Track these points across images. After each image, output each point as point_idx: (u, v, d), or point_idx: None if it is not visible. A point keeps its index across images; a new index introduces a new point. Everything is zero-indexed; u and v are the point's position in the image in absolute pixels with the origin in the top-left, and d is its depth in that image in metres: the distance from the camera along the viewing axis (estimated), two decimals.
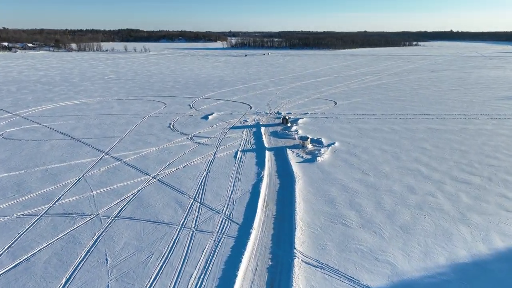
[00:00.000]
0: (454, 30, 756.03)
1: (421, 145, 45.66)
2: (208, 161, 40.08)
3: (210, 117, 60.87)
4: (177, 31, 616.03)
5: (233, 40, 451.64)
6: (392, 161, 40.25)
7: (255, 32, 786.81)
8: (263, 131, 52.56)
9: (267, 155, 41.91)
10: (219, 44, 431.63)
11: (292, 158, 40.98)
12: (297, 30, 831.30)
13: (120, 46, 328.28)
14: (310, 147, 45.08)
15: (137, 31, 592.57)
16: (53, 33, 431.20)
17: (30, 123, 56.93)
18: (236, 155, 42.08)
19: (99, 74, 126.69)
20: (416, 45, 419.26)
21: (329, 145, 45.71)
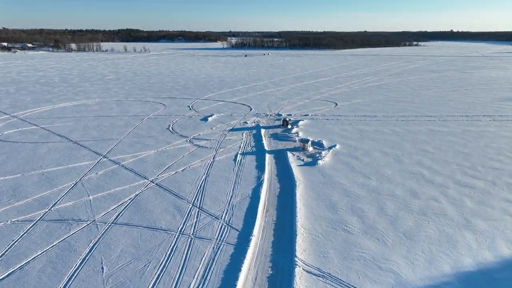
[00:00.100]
0: (454, 30, 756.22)
1: (423, 148, 45.05)
2: (208, 164, 39.48)
3: (209, 119, 60.26)
4: (177, 31, 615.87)
5: (233, 40, 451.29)
6: (394, 164, 39.65)
7: (255, 32, 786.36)
8: (263, 133, 51.94)
9: (267, 158, 41.30)
10: (219, 44, 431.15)
11: (293, 161, 40.37)
12: (297, 30, 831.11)
13: (120, 46, 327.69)
14: (310, 149, 44.48)
15: (137, 31, 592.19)
16: (53, 33, 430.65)
17: (28, 125, 56.33)
18: (236, 158, 41.47)
19: (98, 75, 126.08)
20: (416, 45, 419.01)
21: (330, 147, 45.10)
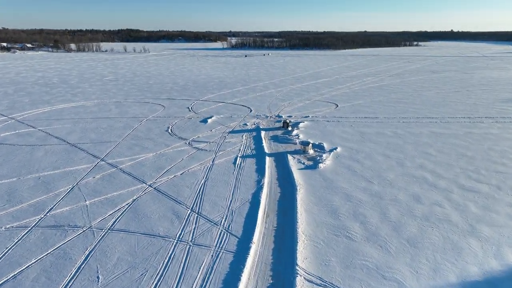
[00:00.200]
0: (454, 30, 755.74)
1: (425, 150, 44.43)
2: (207, 167, 38.86)
3: (209, 121, 59.64)
4: (177, 31, 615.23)
5: (233, 40, 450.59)
6: (396, 167, 39.03)
7: (255, 32, 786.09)
8: (263, 135, 51.32)
9: (267, 161, 40.68)
10: (219, 44, 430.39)
11: (293, 164, 39.74)
12: (297, 30, 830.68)
13: (120, 47, 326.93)
14: (311, 152, 43.85)
15: (137, 31, 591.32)
16: (52, 33, 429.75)
17: (26, 127, 55.71)
18: (235, 161, 40.84)
19: (97, 76, 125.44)
20: (416, 45, 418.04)
21: (331, 150, 44.48)
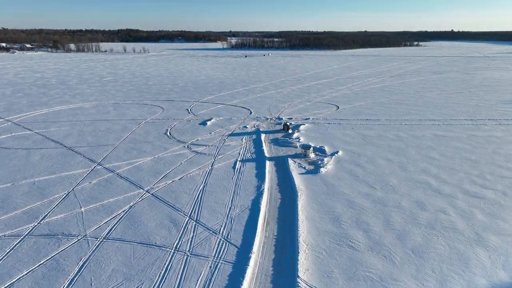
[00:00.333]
0: (454, 30, 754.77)
1: (428, 154, 43.62)
2: (206, 172, 38.04)
3: (208, 123, 58.82)
4: (177, 31, 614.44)
5: (233, 40, 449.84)
6: (399, 172, 38.21)
7: (255, 32, 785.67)
8: (263, 138, 50.50)
9: (267, 165, 39.87)
10: (219, 44, 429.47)
11: (294, 169, 38.92)
12: (297, 30, 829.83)
13: (119, 47, 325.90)
14: (312, 156, 43.04)
15: (137, 31, 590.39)
16: (52, 33, 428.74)
17: (22, 129, 54.90)
18: (235, 165, 40.03)
19: (96, 76, 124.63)
20: (417, 45, 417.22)
21: (332, 154, 43.67)
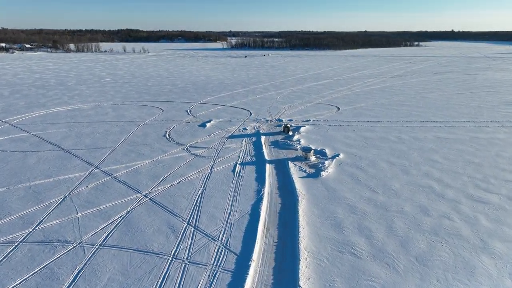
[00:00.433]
0: (455, 30, 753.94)
1: (431, 157, 43.00)
2: (205, 176, 37.43)
3: (208, 125, 58.20)
4: (177, 31, 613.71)
5: (233, 40, 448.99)
6: (401, 175, 37.60)
7: (255, 32, 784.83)
8: (263, 140, 49.89)
9: (267, 169, 39.25)
10: (219, 44, 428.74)
11: (294, 172, 38.31)
12: (297, 30, 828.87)
13: (119, 47, 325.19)
14: (313, 159, 42.43)
15: (137, 31, 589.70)
16: (52, 33, 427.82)
17: (19, 131, 54.29)
18: (234, 169, 39.41)
19: (95, 77, 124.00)
20: (417, 45, 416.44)
21: (333, 157, 43.05)
